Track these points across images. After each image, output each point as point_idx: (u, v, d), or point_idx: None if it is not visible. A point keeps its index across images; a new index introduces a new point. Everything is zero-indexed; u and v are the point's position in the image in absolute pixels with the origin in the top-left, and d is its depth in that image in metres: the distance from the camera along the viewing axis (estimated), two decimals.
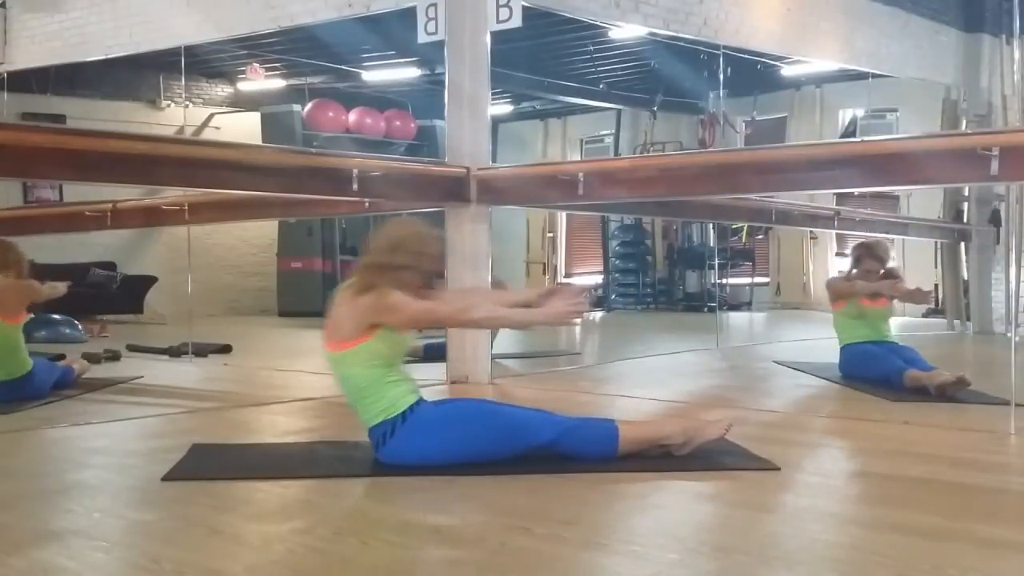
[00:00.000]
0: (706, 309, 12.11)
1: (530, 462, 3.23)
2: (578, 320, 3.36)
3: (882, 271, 5.75)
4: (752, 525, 2.67)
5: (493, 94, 5.78)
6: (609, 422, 3.34)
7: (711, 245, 12.53)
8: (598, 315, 13.02)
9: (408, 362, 3.42)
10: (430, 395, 3.48)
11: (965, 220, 9.99)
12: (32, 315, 5.25)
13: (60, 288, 5.45)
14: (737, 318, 11.77)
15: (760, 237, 12.85)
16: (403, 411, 3.20)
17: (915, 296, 5.93)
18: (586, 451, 3.26)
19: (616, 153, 13.09)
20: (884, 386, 5.22)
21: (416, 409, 3.22)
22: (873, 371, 5.47)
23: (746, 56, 8.55)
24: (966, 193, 9.82)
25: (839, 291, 5.81)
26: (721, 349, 8.04)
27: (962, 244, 9.91)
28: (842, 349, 5.83)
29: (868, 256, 5.75)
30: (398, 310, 3.18)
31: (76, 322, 8.71)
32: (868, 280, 5.67)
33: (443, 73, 5.76)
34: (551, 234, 14.51)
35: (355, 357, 3.21)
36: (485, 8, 5.50)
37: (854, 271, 5.80)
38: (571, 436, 3.25)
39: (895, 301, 5.91)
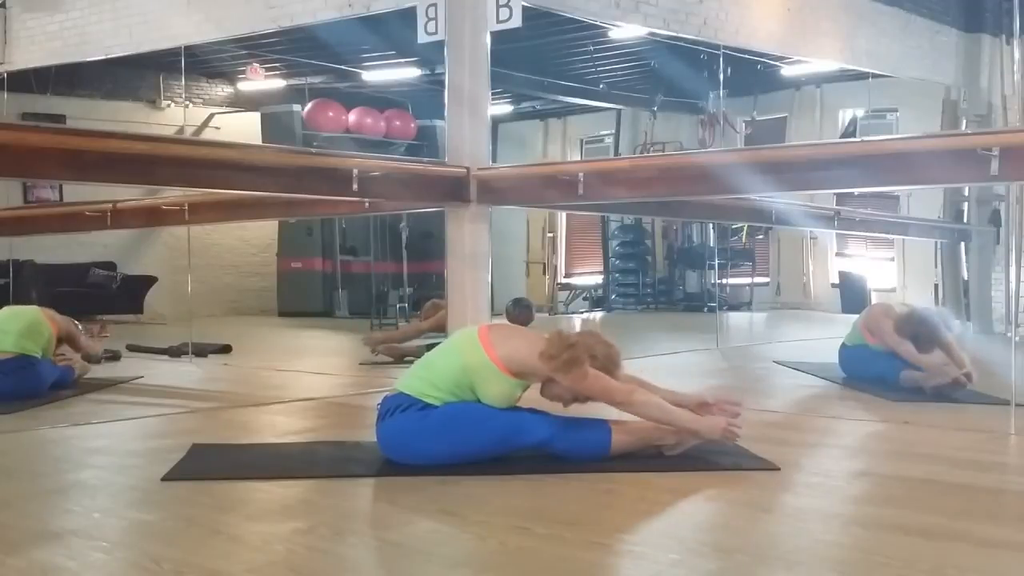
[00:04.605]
0: (706, 309, 12.10)
1: (530, 462, 3.24)
2: (735, 440, 3.43)
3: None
4: (752, 525, 2.67)
5: (493, 94, 5.77)
6: (602, 422, 3.35)
7: (711, 245, 12.53)
8: (598, 315, 13.03)
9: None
10: None
11: (965, 220, 9.99)
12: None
13: (94, 347, 5.94)
14: (737, 318, 11.77)
15: (760, 237, 12.85)
16: (428, 403, 3.23)
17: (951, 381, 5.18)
18: (579, 450, 3.27)
19: (616, 153, 13.09)
20: (881, 385, 5.23)
21: (436, 409, 3.24)
22: (870, 370, 5.48)
23: (746, 56, 8.54)
24: (966, 193, 9.82)
25: (885, 343, 5.41)
26: (721, 349, 8.04)
27: (962, 244, 9.91)
28: (841, 348, 5.84)
29: (928, 341, 5.25)
30: (579, 369, 3.22)
31: (76, 322, 8.70)
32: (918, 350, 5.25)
33: (443, 73, 5.75)
34: (551, 234, 14.52)
35: (486, 371, 3.24)
36: (485, 8, 5.49)
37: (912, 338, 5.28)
38: (564, 436, 3.27)
39: None
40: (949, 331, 5.36)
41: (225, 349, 7.50)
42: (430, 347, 6.32)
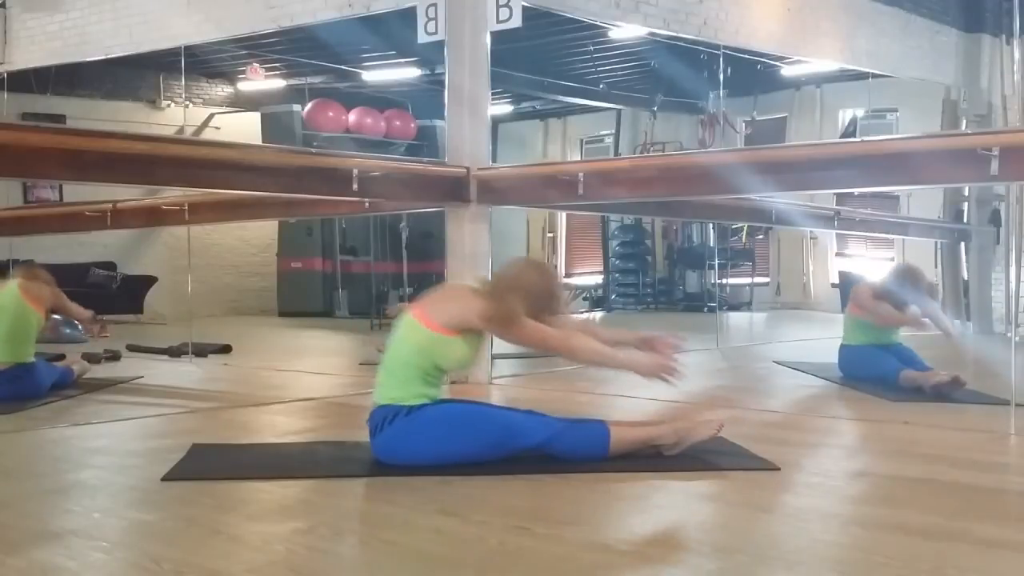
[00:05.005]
0: (706, 309, 12.10)
1: (529, 462, 3.23)
2: (674, 379, 3.40)
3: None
4: (752, 525, 2.67)
5: (493, 94, 5.78)
6: (600, 423, 3.35)
7: (711, 245, 12.53)
8: (598, 315, 13.02)
9: None
10: None
11: (965, 220, 9.99)
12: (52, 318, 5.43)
13: (84, 313, 5.73)
14: (737, 318, 11.77)
15: (760, 237, 12.85)
16: (412, 404, 3.22)
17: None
18: (577, 452, 3.26)
19: (616, 153, 13.09)
20: (880, 385, 5.23)
21: (423, 408, 3.23)
22: (870, 370, 5.49)
23: (746, 56, 8.54)
24: (966, 193, 9.82)
25: (865, 308, 5.64)
26: (721, 349, 8.04)
27: (962, 244, 9.91)
28: (841, 348, 5.84)
29: (901, 298, 5.55)
30: (514, 324, 3.23)
31: (76, 322, 8.71)
32: (898, 308, 5.53)
33: (443, 73, 5.76)
34: (551, 234, 14.51)
35: (435, 343, 3.23)
36: (485, 8, 5.50)
37: (886, 296, 5.58)
38: (562, 438, 3.26)
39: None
40: (927, 292, 5.65)
41: (225, 349, 7.50)
42: None
